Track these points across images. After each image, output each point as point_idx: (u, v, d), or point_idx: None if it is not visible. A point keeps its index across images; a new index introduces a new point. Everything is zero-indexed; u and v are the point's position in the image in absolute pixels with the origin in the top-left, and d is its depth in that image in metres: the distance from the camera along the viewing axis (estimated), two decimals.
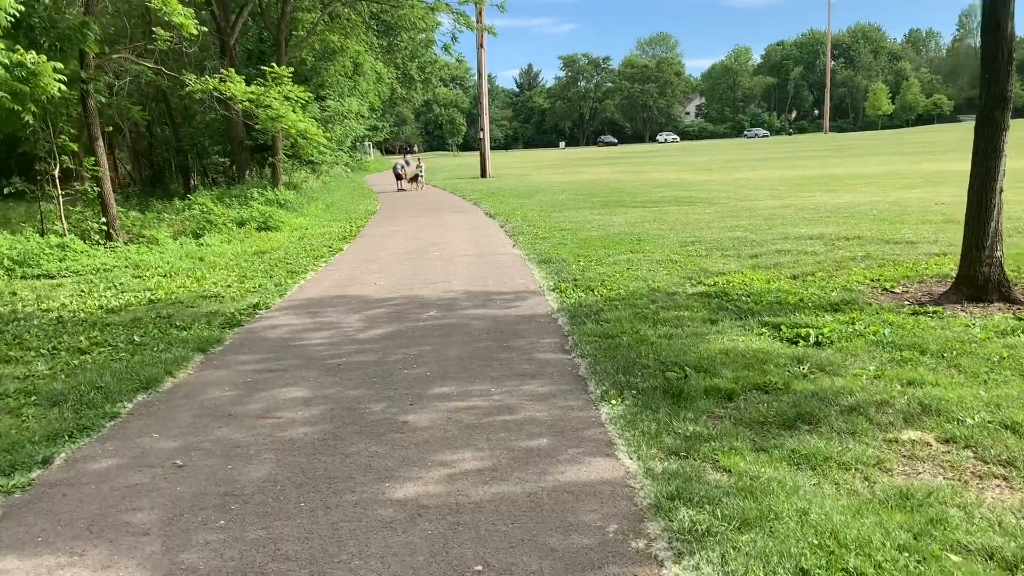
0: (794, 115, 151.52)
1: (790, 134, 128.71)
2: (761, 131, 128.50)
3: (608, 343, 6.50)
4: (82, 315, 9.00)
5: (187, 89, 15.22)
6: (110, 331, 8.00)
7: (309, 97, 16.63)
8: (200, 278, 11.32)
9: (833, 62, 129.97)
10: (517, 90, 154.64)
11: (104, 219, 14.99)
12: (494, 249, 13.47)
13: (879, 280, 8.67)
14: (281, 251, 14.20)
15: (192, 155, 39.04)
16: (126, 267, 12.80)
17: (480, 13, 29.57)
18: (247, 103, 15.59)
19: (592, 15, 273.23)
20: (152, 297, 9.97)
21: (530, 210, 20.08)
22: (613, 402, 5.10)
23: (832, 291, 8.19)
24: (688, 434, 4.46)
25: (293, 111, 16.11)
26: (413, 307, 8.73)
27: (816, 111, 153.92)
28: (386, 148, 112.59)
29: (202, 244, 15.03)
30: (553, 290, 9.22)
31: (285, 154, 27.87)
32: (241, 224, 17.63)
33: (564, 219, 17.26)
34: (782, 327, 6.75)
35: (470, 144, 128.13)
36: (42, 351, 7.29)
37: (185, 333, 7.73)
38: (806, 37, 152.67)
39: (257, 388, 5.87)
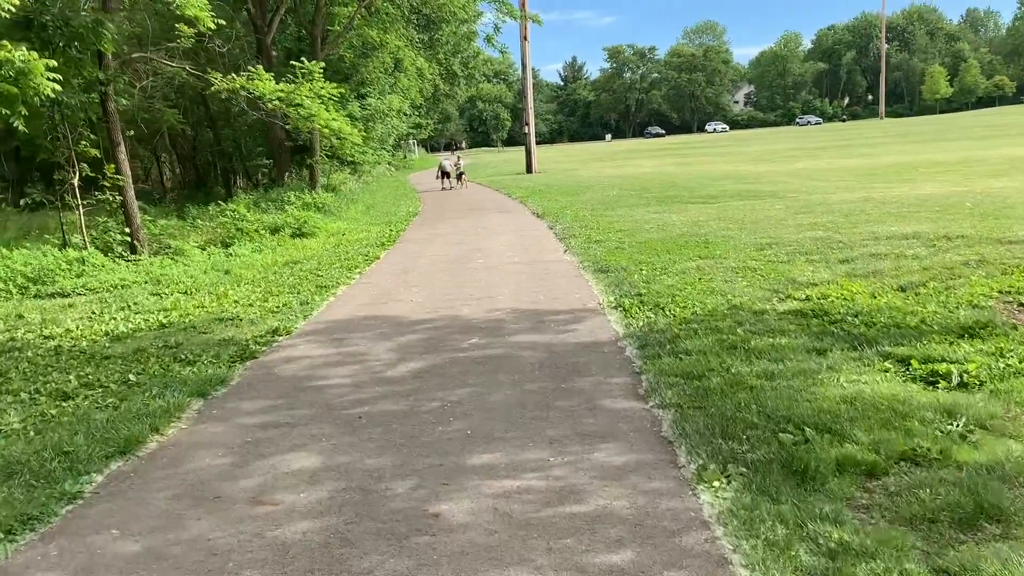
0: (847, 101, 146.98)
1: (844, 120, 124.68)
2: (813, 118, 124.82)
3: (694, 386, 5.19)
4: (83, 344, 7.98)
5: (212, 88, 14.25)
6: (106, 367, 6.93)
7: (341, 93, 15.54)
8: (222, 295, 10.28)
9: (887, 45, 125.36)
10: (561, 83, 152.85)
11: (128, 230, 14.11)
12: (543, 255, 12.20)
13: (1012, 292, 7.17)
14: (314, 261, 13.13)
15: (236, 158, 38.63)
16: (146, 283, 11.86)
17: (523, 1, 28.27)
18: (277, 102, 14.57)
19: (634, 7, 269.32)
20: (165, 320, 8.94)
21: (580, 209, 18.74)
22: (715, 484, 3.79)
23: (957, 308, 6.73)
24: (832, 545, 3.14)
25: (326, 109, 15.04)
26: (453, 331, 7.51)
27: (870, 96, 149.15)
28: (431, 145, 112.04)
29: (231, 255, 14.07)
30: (615, 308, 7.91)
31: (325, 154, 26.98)
32: (275, 231, 16.66)
33: (618, 218, 15.90)
34: (911, 361, 5.36)
35: (515, 139, 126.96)
36: (22, 395, 6.25)
37: (188, 370, 6.62)
38: (858, 21, 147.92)
39: (256, 453, 4.70)
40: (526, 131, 41.08)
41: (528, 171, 40.69)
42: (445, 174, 33.33)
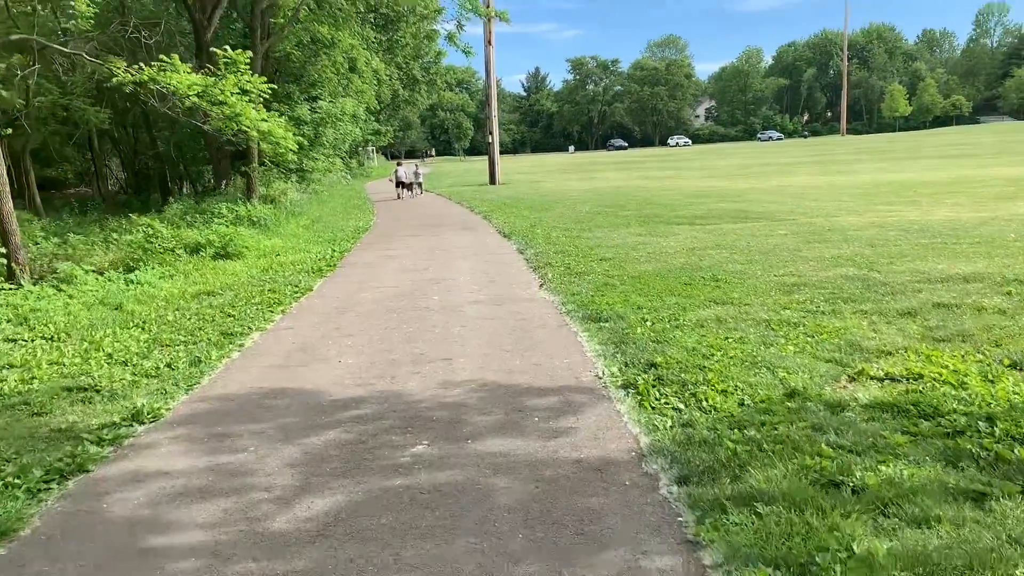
0: (806, 117, 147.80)
1: (805, 136, 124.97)
2: (775, 134, 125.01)
3: None
4: None
5: (114, 80, 11.69)
6: None
7: (275, 90, 13.05)
8: (95, 345, 7.77)
9: (847, 63, 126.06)
10: (524, 94, 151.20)
11: (3, 250, 11.45)
12: (515, 291, 9.89)
13: None
14: (231, 292, 10.64)
15: (177, 162, 35.69)
16: (9, 321, 9.26)
17: None
18: (195, 98, 12.08)
19: (597, 21, 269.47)
20: None
21: (551, 228, 16.51)
22: None
23: None
24: None
25: (255, 109, 12.59)
26: (391, 427, 5.14)
27: (829, 113, 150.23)
28: (391, 153, 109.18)
29: (132, 282, 11.50)
30: (624, 387, 5.62)
31: (270, 161, 24.37)
32: (195, 250, 14.10)
33: (598, 241, 13.68)
34: None
35: (477, 149, 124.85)
36: None
37: None
38: (818, 38, 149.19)
39: None
40: (490, 140, 38.83)
41: (492, 182, 38.44)
42: (401, 183, 31.89)
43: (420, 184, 33.61)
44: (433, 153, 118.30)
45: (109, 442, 5.10)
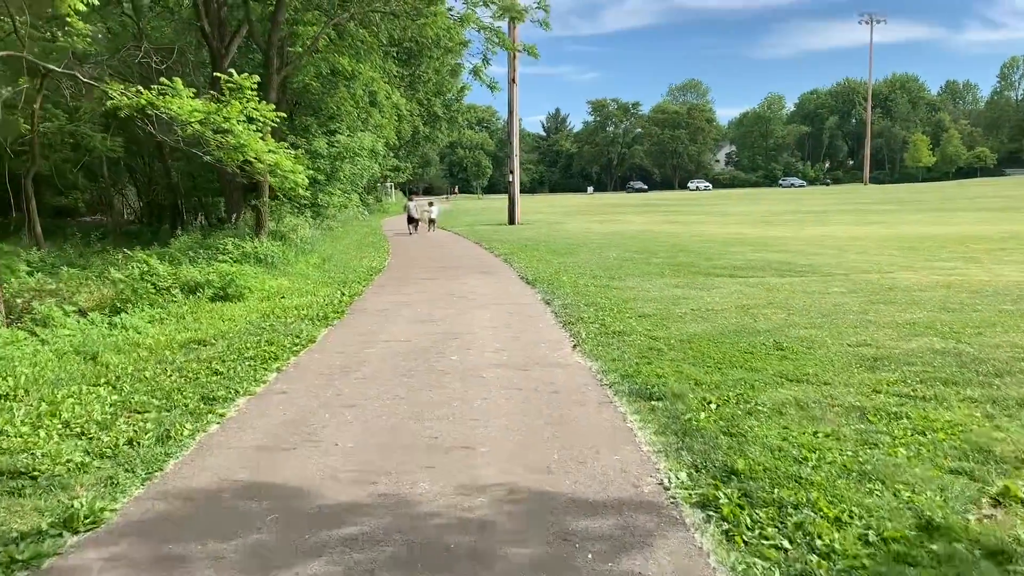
0: (827, 165, 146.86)
1: (827, 184, 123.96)
2: (797, 180, 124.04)
3: None
4: None
5: (110, 103, 10.66)
6: None
7: (283, 118, 11.97)
8: (53, 408, 6.55)
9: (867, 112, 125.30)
10: (544, 134, 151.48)
11: None
12: (544, 351, 8.62)
13: None
14: (223, 342, 9.44)
15: (192, 193, 34.90)
16: None
17: (513, 29, 25.20)
18: (198, 126, 11.03)
19: (616, 65, 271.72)
20: None
21: (578, 275, 15.29)
22: None
23: None
24: None
25: (262, 138, 11.53)
26: (392, 555, 3.84)
27: (851, 161, 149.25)
28: (409, 189, 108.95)
29: (116, 325, 10.33)
30: (703, 507, 4.29)
31: (283, 195, 23.39)
32: (192, 290, 12.96)
33: (632, 293, 12.43)
34: None
35: (495, 187, 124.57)
36: None
37: None
38: (841, 87, 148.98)
39: None
40: (510, 179, 37.87)
41: (511, 222, 37.41)
42: (412, 219, 33.29)
43: (433, 221, 34.44)
44: (457, 191, 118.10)
45: (21, 566, 3.85)
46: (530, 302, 12.52)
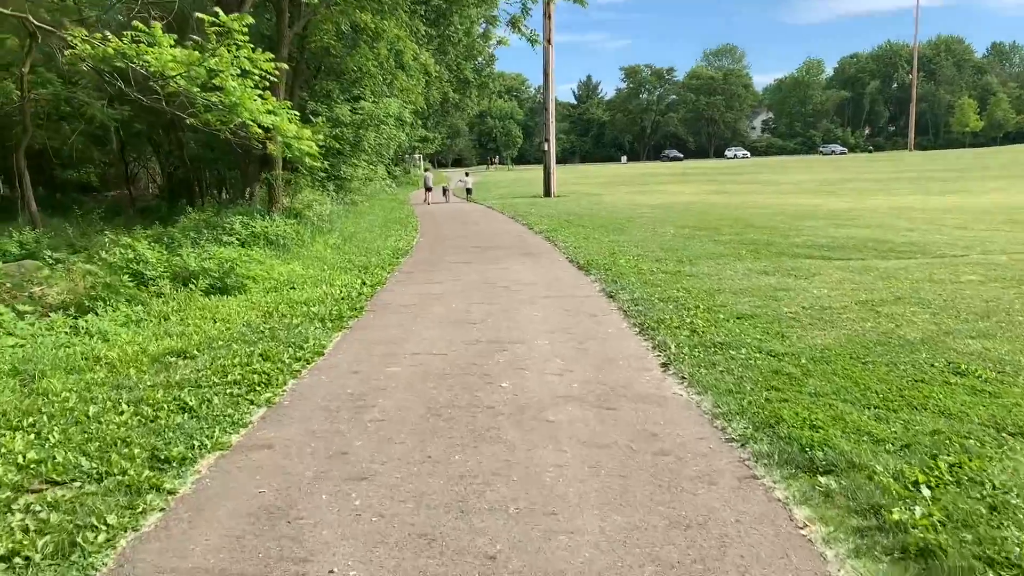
0: (867, 131, 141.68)
1: (869, 151, 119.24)
2: (838, 147, 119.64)
3: None
4: None
5: (68, 53, 8.53)
6: None
7: (279, 70, 9.69)
8: None
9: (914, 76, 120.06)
10: (575, 102, 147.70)
11: None
12: (626, 374, 6.39)
13: None
14: (206, 356, 7.34)
15: (209, 166, 33.00)
16: None
17: None
18: (182, 81, 8.87)
19: (647, 31, 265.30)
20: None
21: (637, 256, 13.05)
22: None
23: None
24: None
25: (262, 97, 9.35)
26: None
27: (892, 127, 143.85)
28: (438, 160, 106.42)
29: (79, 331, 8.29)
30: None
31: (304, 169, 21.25)
32: (185, 281, 10.90)
33: (714, 283, 10.14)
34: None
35: (524, 157, 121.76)
36: None
37: None
38: (882, 50, 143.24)
39: None
40: (546, 148, 35.45)
41: (547, 194, 35.07)
42: (428, 188, 35.39)
43: (469, 190, 36.52)
44: (498, 160, 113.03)
45: None
46: (588, 294, 10.28)
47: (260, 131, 9.30)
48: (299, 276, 12.20)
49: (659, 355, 6.87)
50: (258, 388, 6.26)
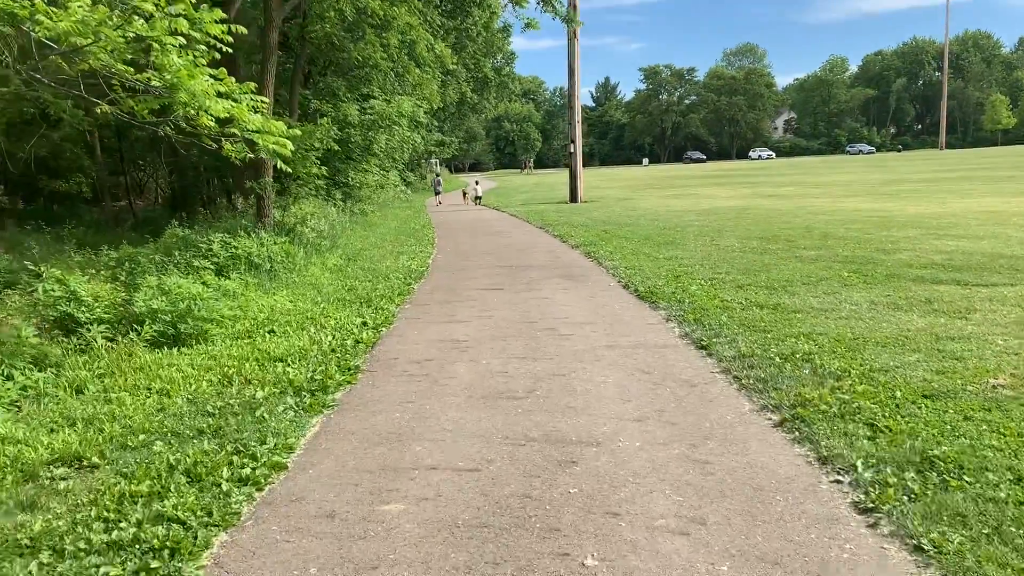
0: (894, 130, 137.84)
1: (899, 150, 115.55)
2: (866, 147, 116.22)
3: None
4: None
5: None
6: None
7: (229, 34, 6.87)
8: None
9: (941, 73, 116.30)
10: (593, 105, 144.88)
11: None
12: (801, 532, 3.66)
13: None
14: (104, 471, 4.67)
15: (217, 174, 30.53)
16: None
17: None
18: (102, 55, 6.24)
19: (662, 34, 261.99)
20: None
21: (709, 280, 10.31)
22: None
23: None
24: None
25: (215, 77, 6.67)
26: None
27: (919, 125, 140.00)
28: (454, 166, 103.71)
29: None
30: None
31: (305, 174, 18.62)
32: (132, 325, 8.24)
33: (839, 324, 7.35)
34: None
35: (542, 161, 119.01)
36: None
37: None
38: (908, 47, 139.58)
39: None
40: (571, 150, 32.69)
41: (572, 199, 32.30)
42: (437, 192, 37.33)
43: (479, 198, 35.37)
44: (532, 164, 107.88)
45: None
46: (667, 342, 7.52)
47: (211, 123, 6.64)
48: (282, 313, 9.51)
49: (839, 482, 4.10)
50: (167, 551, 3.56)
